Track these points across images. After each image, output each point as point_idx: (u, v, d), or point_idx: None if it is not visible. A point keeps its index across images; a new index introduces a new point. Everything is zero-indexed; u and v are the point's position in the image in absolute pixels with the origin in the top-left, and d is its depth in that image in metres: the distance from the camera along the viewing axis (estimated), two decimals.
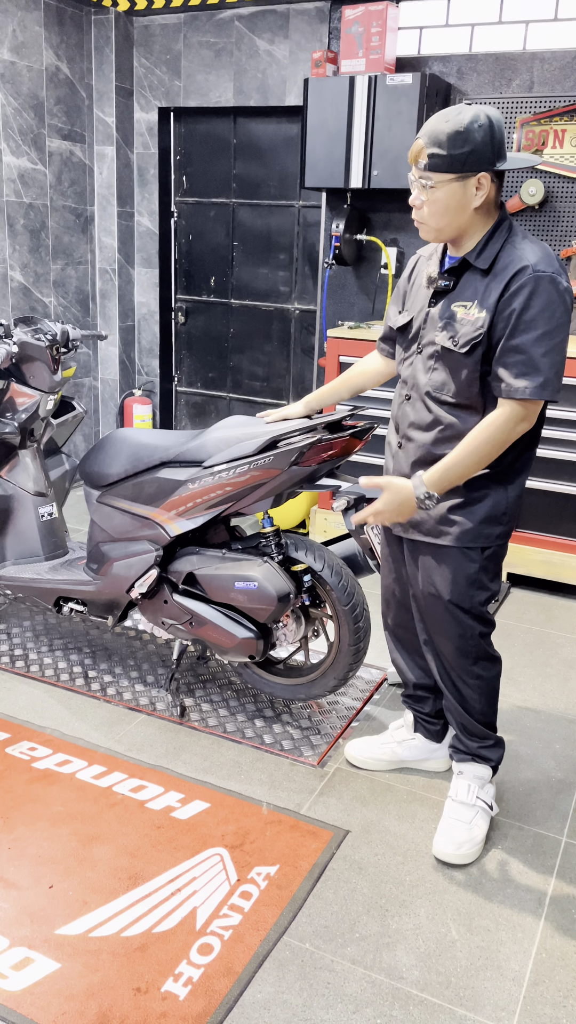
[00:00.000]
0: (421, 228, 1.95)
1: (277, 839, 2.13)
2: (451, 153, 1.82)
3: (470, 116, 1.82)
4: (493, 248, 1.90)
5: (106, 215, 4.86)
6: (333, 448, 2.39)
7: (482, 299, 1.89)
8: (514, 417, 1.86)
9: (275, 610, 2.38)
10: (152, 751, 2.48)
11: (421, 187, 1.88)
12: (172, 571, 2.57)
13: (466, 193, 1.86)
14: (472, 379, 1.93)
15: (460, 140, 1.81)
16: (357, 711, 2.73)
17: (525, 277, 1.82)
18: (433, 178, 1.85)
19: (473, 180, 1.85)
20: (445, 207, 1.87)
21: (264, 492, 2.41)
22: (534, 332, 1.82)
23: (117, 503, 2.63)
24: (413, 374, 2.06)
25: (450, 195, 1.86)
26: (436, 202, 1.87)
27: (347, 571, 2.51)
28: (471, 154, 1.82)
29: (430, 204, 1.88)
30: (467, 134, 1.81)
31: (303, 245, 4.70)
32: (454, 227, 1.91)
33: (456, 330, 1.92)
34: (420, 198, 1.90)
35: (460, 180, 1.84)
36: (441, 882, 2.03)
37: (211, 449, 2.44)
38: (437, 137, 1.83)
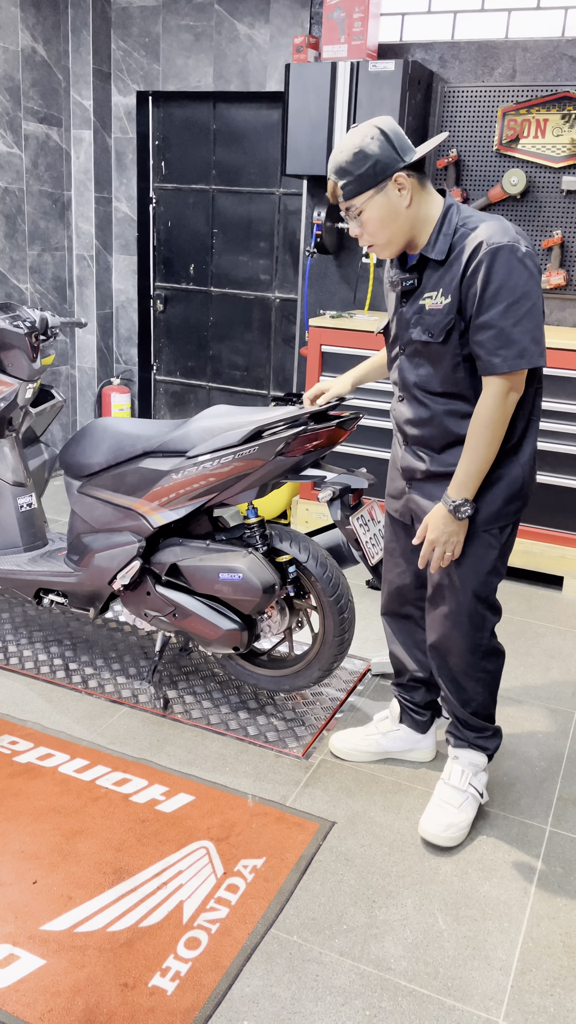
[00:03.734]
0: (374, 251, 1.99)
1: (263, 831, 2.12)
2: (358, 174, 1.87)
3: (359, 135, 1.87)
4: (446, 238, 1.92)
5: (83, 200, 4.79)
6: (319, 438, 2.37)
7: (446, 286, 1.91)
8: (500, 392, 1.87)
9: (260, 601, 2.37)
10: (135, 744, 2.45)
11: (352, 218, 1.96)
12: (155, 562, 2.54)
13: (390, 199, 1.90)
14: (455, 365, 1.94)
15: (360, 159, 1.86)
16: (341, 702, 2.73)
17: (481, 253, 1.84)
18: (356, 203, 1.92)
19: (391, 184, 1.89)
20: (380, 221, 1.91)
21: (249, 483, 2.39)
22: (500, 305, 1.83)
23: (99, 493, 2.60)
24: (401, 374, 2.07)
25: (377, 208, 1.90)
26: (370, 221, 1.92)
27: (332, 562, 2.50)
28: (375, 165, 1.87)
29: (366, 225, 1.93)
30: (362, 151, 1.86)
31: (284, 233, 4.67)
32: (400, 234, 1.95)
33: (428, 322, 1.95)
34: (356, 228, 1.96)
35: (378, 191, 1.90)
36: (428, 872, 2.03)
37: (195, 439, 2.41)
38: (340, 167, 1.89)
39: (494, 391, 1.87)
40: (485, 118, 3.92)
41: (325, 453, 2.45)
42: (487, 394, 1.88)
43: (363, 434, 3.89)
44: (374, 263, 4.25)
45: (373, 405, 3.80)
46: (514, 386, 1.87)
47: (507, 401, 1.88)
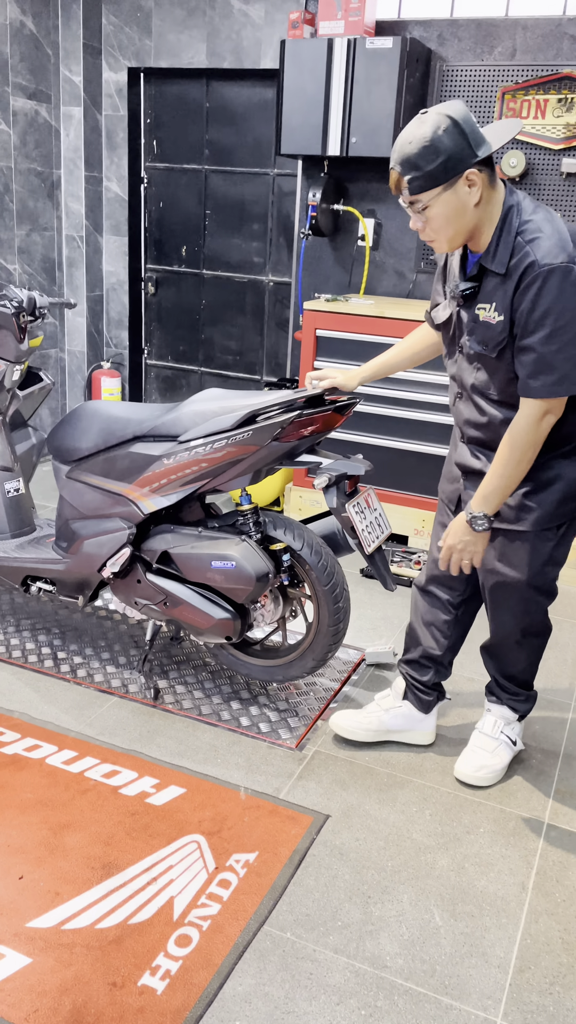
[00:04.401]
0: (434, 245, 1.91)
1: (256, 825, 2.07)
2: (427, 171, 1.76)
3: (431, 126, 1.75)
4: (505, 247, 1.85)
5: (73, 179, 4.69)
6: (314, 423, 2.31)
7: (500, 301, 1.86)
8: (535, 414, 1.85)
9: (253, 590, 2.31)
10: (125, 735, 2.40)
11: (415, 213, 1.86)
12: (146, 550, 2.48)
13: (460, 197, 1.81)
14: (510, 379, 1.93)
15: (430, 154, 1.75)
16: (335, 692, 2.68)
17: (532, 275, 1.79)
18: (422, 199, 1.82)
19: (462, 181, 1.79)
20: (446, 219, 1.83)
21: (242, 468, 2.33)
22: (544, 330, 1.79)
23: (88, 479, 2.53)
24: (459, 373, 2.05)
25: (445, 206, 1.81)
26: (435, 218, 1.83)
27: (327, 550, 2.45)
28: (448, 161, 1.76)
29: (431, 222, 1.85)
30: (435, 145, 1.74)
31: (278, 215, 4.58)
32: (464, 231, 1.87)
33: (482, 334, 1.92)
34: (419, 222, 1.87)
35: (447, 188, 1.80)
36: (423, 867, 1.99)
37: (187, 423, 2.35)
38: (407, 160, 1.78)
39: (529, 412, 1.85)
40: (484, 98, 3.85)
41: (321, 439, 2.39)
42: (522, 414, 1.86)
43: (360, 421, 3.83)
44: (369, 246, 4.18)
45: (371, 391, 3.74)
46: (551, 409, 1.85)
47: (541, 424, 1.86)
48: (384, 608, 3.29)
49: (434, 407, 3.67)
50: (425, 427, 3.71)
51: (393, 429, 3.79)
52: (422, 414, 3.69)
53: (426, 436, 3.72)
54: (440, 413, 3.66)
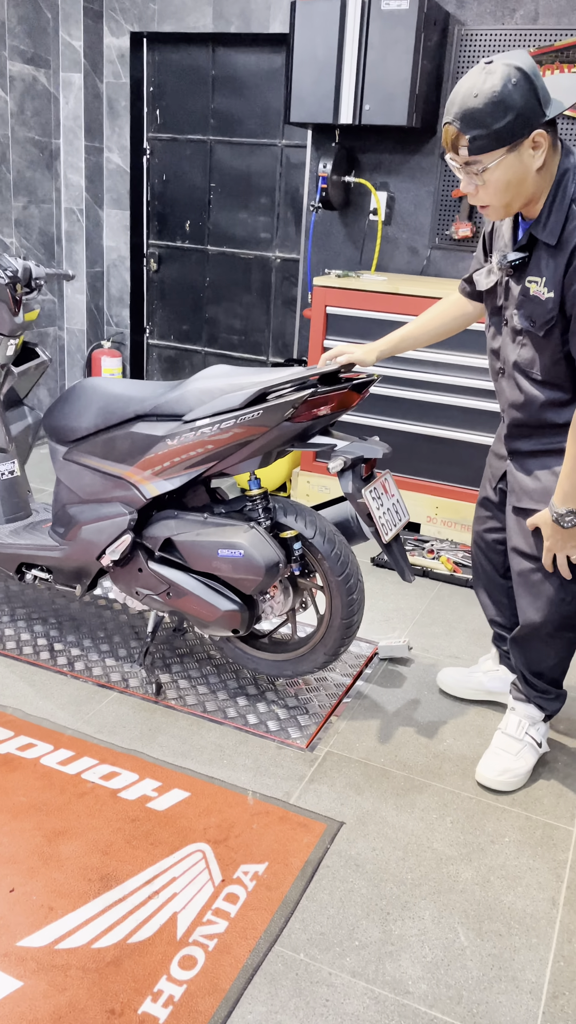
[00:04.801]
0: (485, 212, 1.76)
1: (265, 832, 1.93)
2: (495, 129, 1.59)
3: (500, 78, 1.58)
4: (558, 215, 1.69)
5: (73, 150, 4.50)
6: (329, 402, 2.16)
7: (551, 276, 1.72)
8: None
9: (262, 580, 2.16)
10: (125, 733, 2.26)
11: (471, 175, 1.68)
12: (147, 536, 2.33)
13: (523, 160, 1.64)
14: (557, 359, 1.79)
15: (498, 110, 1.58)
16: (347, 688, 2.53)
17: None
18: (483, 160, 1.64)
19: (527, 142, 1.63)
20: (506, 183, 1.67)
21: (251, 451, 2.17)
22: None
23: (86, 460, 2.37)
24: (503, 349, 1.92)
25: (507, 169, 1.65)
26: (494, 183, 1.67)
27: (340, 538, 2.29)
28: (516, 119, 1.59)
29: (489, 186, 1.68)
30: (505, 100, 1.57)
31: (286, 188, 4.40)
32: (522, 197, 1.72)
33: (531, 309, 1.78)
34: (473, 185, 1.70)
35: (513, 149, 1.63)
36: (446, 880, 1.85)
37: (192, 401, 2.19)
38: (471, 116, 1.60)
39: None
40: None
41: (335, 419, 2.24)
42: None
43: (371, 403, 3.67)
44: (382, 221, 4.00)
45: (382, 371, 3.57)
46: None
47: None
48: (398, 599, 3.14)
49: (449, 389, 3.50)
50: (439, 409, 3.55)
51: (405, 411, 3.63)
52: (436, 396, 3.53)
53: (440, 419, 3.56)
54: (455, 395, 3.49)
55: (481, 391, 3.44)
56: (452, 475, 3.61)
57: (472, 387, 3.45)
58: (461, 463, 3.57)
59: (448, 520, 3.61)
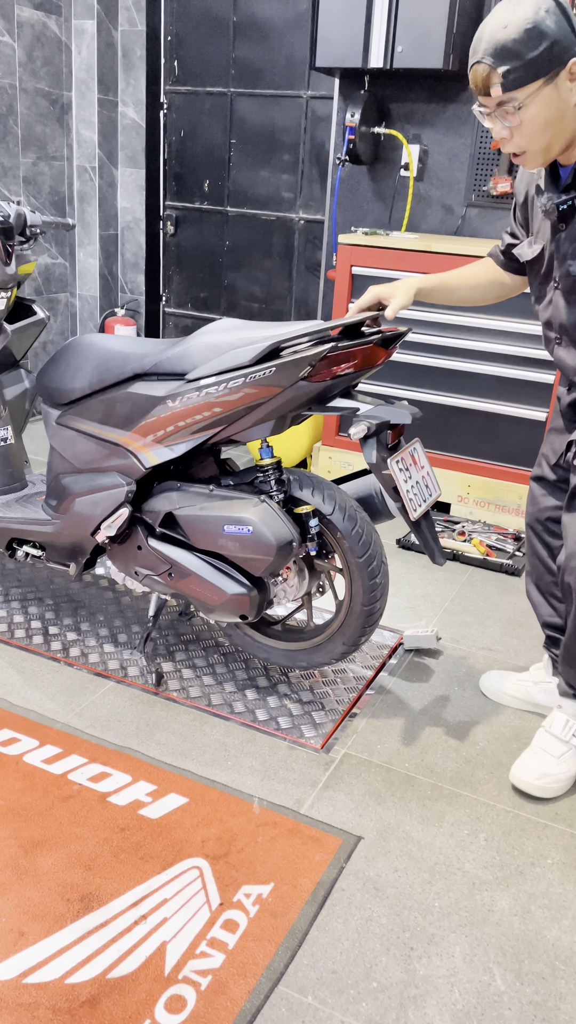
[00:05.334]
0: (522, 160, 1.60)
1: (271, 847, 1.70)
2: (530, 58, 1.46)
3: (531, 6, 1.45)
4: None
5: (85, 103, 4.24)
6: (352, 358, 1.89)
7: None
8: None
9: (273, 561, 1.91)
10: (120, 728, 2.03)
11: (505, 115, 1.53)
12: (147, 510, 2.09)
13: (561, 93, 1.50)
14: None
15: (533, 38, 1.45)
16: (368, 681, 2.28)
17: None
18: (519, 96, 1.49)
19: (565, 73, 1.48)
20: (545, 121, 1.52)
21: (262, 414, 1.92)
22: None
23: (81, 425, 2.14)
24: (556, 313, 1.73)
25: (545, 104, 1.50)
26: (531, 121, 1.52)
27: (362, 515, 2.04)
28: (553, 47, 1.46)
29: (525, 127, 1.53)
30: (538, 26, 1.45)
31: (311, 144, 4.11)
32: (562, 138, 1.56)
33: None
34: (506, 128, 1.54)
35: (548, 81, 1.48)
36: (479, 909, 1.60)
37: (196, 358, 1.94)
38: (504, 47, 1.46)
39: None
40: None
41: (359, 378, 1.97)
42: None
43: (396, 371, 3.39)
44: (414, 176, 3.70)
45: (418, 338, 3.29)
46: None
47: None
48: (426, 584, 2.88)
49: (484, 356, 3.22)
50: (473, 379, 3.26)
51: (436, 381, 3.34)
52: (469, 364, 3.24)
53: (474, 389, 3.28)
54: (491, 363, 3.21)
55: (520, 359, 3.15)
56: (486, 451, 3.33)
57: (510, 355, 3.16)
58: (497, 438, 3.29)
59: (481, 500, 3.34)
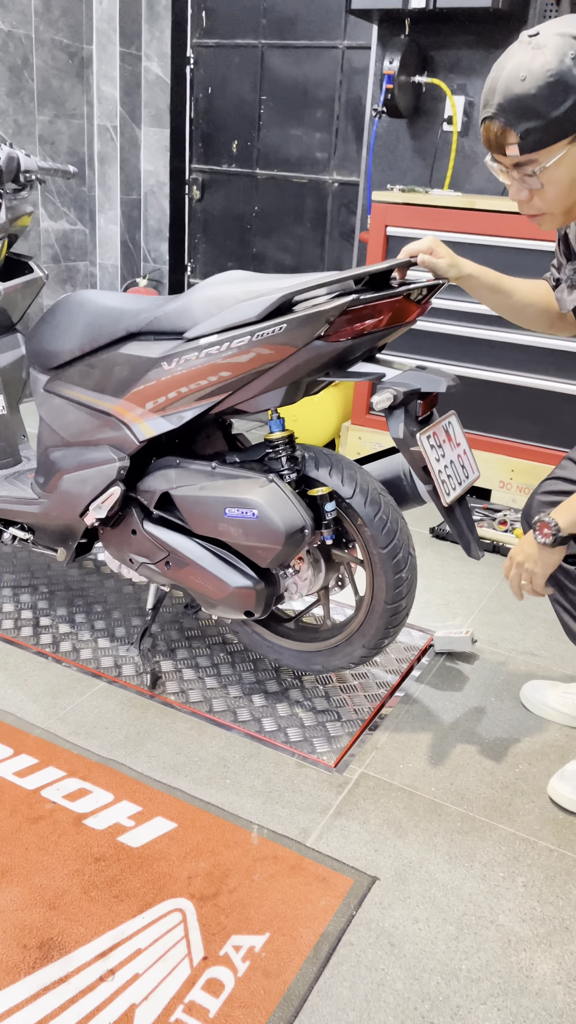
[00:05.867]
0: (542, 221, 1.42)
1: (269, 888, 1.44)
2: (552, 117, 1.24)
3: (554, 53, 1.22)
4: None
5: (106, 56, 3.98)
6: (378, 313, 1.61)
7: None
8: None
9: (282, 550, 1.65)
10: (106, 736, 1.79)
11: (524, 177, 1.34)
12: (142, 490, 1.84)
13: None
14: None
15: (558, 93, 1.23)
16: (392, 688, 2.02)
17: None
18: (539, 158, 1.29)
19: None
20: (571, 181, 1.33)
21: (272, 380, 1.65)
22: None
23: (69, 392, 1.89)
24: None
25: (571, 165, 1.30)
26: (554, 184, 1.33)
27: (387, 500, 1.76)
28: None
29: (547, 189, 1.34)
30: (562, 79, 1.22)
31: (346, 99, 3.80)
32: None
33: None
34: (525, 191, 1.36)
35: (574, 142, 1.28)
36: (516, 974, 1.33)
37: (197, 314, 1.67)
38: (521, 105, 1.25)
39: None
40: None
41: (387, 339, 1.69)
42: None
43: (428, 342, 3.09)
44: (458, 131, 3.38)
45: (455, 304, 2.99)
46: None
47: None
48: (461, 579, 2.59)
49: None
50: (517, 351, 2.95)
51: (475, 354, 3.03)
52: (513, 335, 2.93)
53: (519, 363, 2.96)
54: (537, 334, 2.89)
55: None
56: (532, 432, 3.01)
57: None
58: (544, 418, 2.97)
59: (525, 486, 3.03)
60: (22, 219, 2.26)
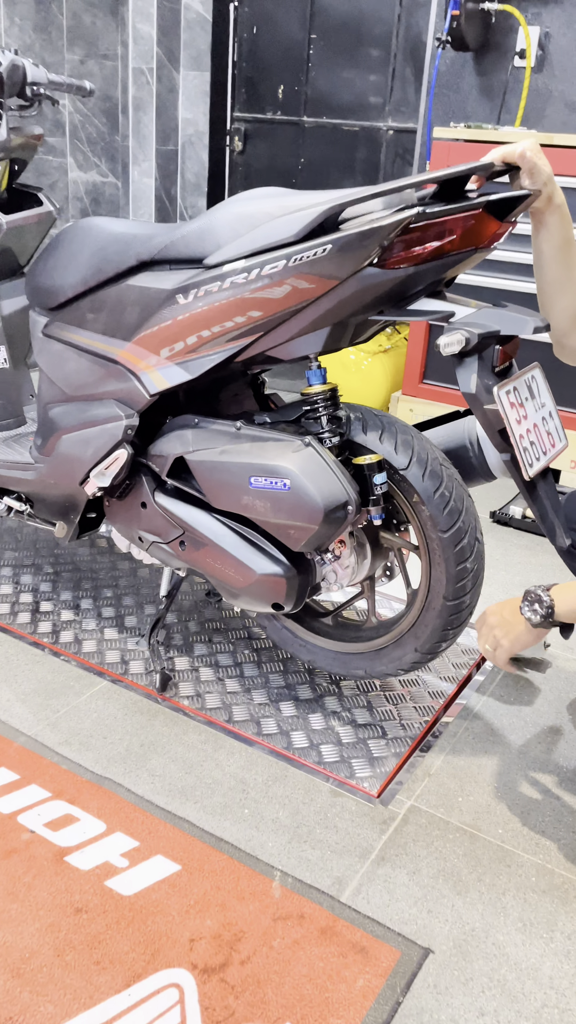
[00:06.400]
0: None
1: (293, 959, 1.13)
2: None
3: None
4: None
5: None
6: (448, 233, 1.27)
7: None
8: None
9: (319, 530, 1.33)
10: (104, 748, 1.50)
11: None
12: (154, 455, 1.53)
13: None
14: None
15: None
16: (449, 700, 1.69)
17: None
18: None
19: None
20: None
21: (313, 318, 1.33)
22: None
23: (71, 336, 1.59)
24: None
25: None
26: None
27: (451, 472, 1.43)
28: None
29: None
30: None
31: (405, 35, 3.42)
32: None
33: None
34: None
35: None
36: None
37: (222, 234, 1.35)
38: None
39: None
40: None
41: (457, 268, 1.35)
42: None
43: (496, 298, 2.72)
44: (531, 66, 2.99)
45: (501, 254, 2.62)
46: None
47: None
48: (528, 571, 2.25)
49: None
50: None
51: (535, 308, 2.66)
52: None
53: None
54: None
55: None
56: None
57: None
58: None
59: None
60: (29, 142, 1.96)
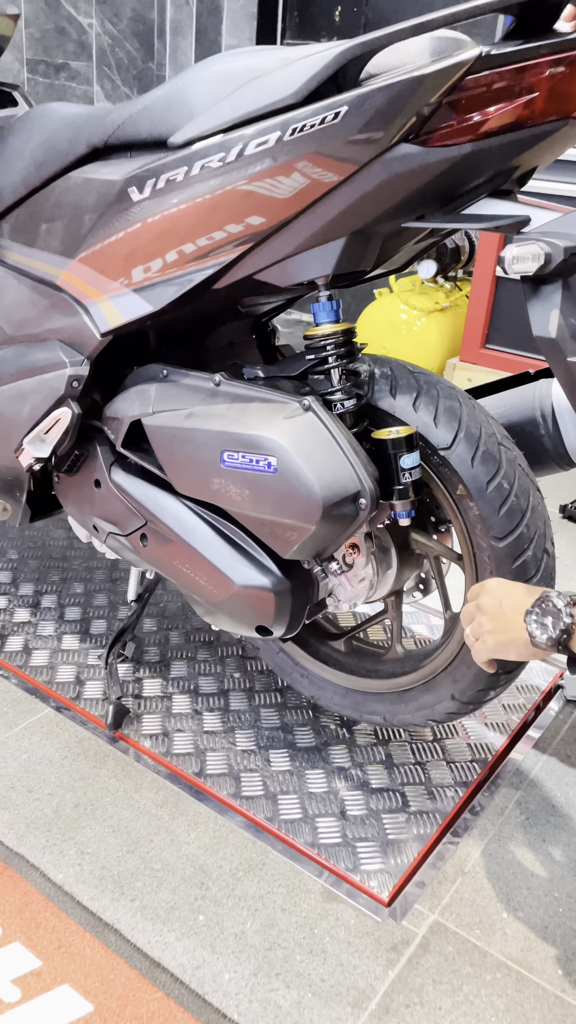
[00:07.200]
0: None
1: None
2: None
3: None
4: None
5: None
6: (527, 90, 0.84)
7: None
8: None
9: (317, 531, 0.93)
10: (24, 808, 1.12)
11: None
12: (108, 416, 1.14)
13: None
14: None
15: None
16: (497, 755, 1.27)
17: None
18: None
19: None
20: None
21: (319, 225, 0.91)
22: None
23: (8, 255, 1.20)
24: None
25: None
26: None
27: (514, 455, 1.01)
28: None
29: None
30: None
31: None
32: None
33: None
34: None
35: None
36: None
37: (195, 103, 0.94)
38: None
39: None
40: None
41: (540, 151, 0.91)
42: None
43: None
44: None
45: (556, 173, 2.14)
46: None
47: None
48: None
49: None
50: None
51: None
52: None
53: None
54: None
55: None
56: None
57: None
58: None
59: None
60: (2, 25, 1.57)
